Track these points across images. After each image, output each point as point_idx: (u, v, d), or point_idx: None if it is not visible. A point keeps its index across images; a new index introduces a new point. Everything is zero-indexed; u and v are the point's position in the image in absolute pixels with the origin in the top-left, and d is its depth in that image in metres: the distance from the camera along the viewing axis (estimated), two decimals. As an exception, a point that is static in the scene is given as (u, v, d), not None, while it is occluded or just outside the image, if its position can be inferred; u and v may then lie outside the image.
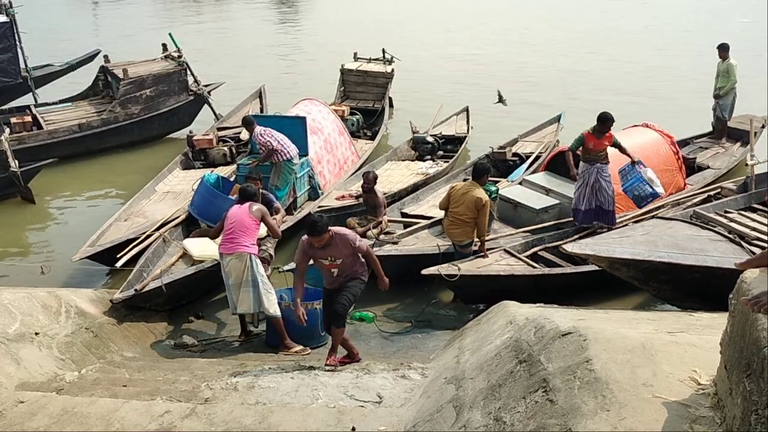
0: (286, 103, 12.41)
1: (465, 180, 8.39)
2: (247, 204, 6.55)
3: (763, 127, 10.56)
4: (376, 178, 8.55)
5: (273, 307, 6.26)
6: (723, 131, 11.62)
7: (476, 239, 7.40)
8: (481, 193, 7.14)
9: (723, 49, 11.46)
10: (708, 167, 10.57)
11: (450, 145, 11.97)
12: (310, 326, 6.34)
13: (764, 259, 2.75)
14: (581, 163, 8.12)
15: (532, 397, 3.27)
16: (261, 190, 7.64)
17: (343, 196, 9.34)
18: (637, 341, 3.35)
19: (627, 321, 4.78)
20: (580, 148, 8.01)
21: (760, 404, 2.17)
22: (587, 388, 2.97)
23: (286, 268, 7.41)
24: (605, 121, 7.90)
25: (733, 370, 2.52)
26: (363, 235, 8.16)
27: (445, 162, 11.21)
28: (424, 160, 11.43)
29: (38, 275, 7.94)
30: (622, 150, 8.11)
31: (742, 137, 11.43)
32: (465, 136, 12.22)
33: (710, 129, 11.92)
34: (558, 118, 12.42)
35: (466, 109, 13.28)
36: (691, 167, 10.43)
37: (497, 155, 10.72)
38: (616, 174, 8.19)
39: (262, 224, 6.58)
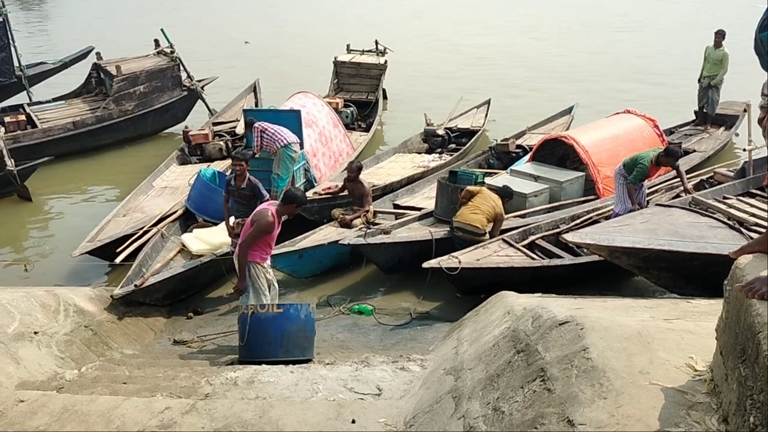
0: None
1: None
2: (264, 205, 6.11)
3: (744, 111, 10.62)
4: (359, 168, 8.62)
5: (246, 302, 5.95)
6: (707, 121, 11.67)
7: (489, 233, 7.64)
8: (501, 208, 7.74)
9: (720, 36, 11.29)
10: (694, 151, 10.66)
11: (465, 138, 11.88)
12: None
13: (757, 245, 2.74)
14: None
15: (530, 386, 3.27)
16: (250, 177, 7.54)
17: (329, 188, 9.35)
18: (633, 329, 3.35)
19: (624, 309, 4.78)
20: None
21: (755, 389, 2.18)
22: (584, 377, 2.98)
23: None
24: (672, 155, 7.74)
25: (728, 356, 2.52)
26: (349, 224, 8.22)
27: (450, 155, 11.14)
28: (433, 153, 11.38)
29: (30, 273, 7.93)
30: None
31: (725, 122, 11.50)
32: (479, 130, 12.12)
33: (693, 117, 12.00)
34: (570, 110, 12.36)
35: (488, 102, 13.16)
36: None
37: (500, 147, 10.67)
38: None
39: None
